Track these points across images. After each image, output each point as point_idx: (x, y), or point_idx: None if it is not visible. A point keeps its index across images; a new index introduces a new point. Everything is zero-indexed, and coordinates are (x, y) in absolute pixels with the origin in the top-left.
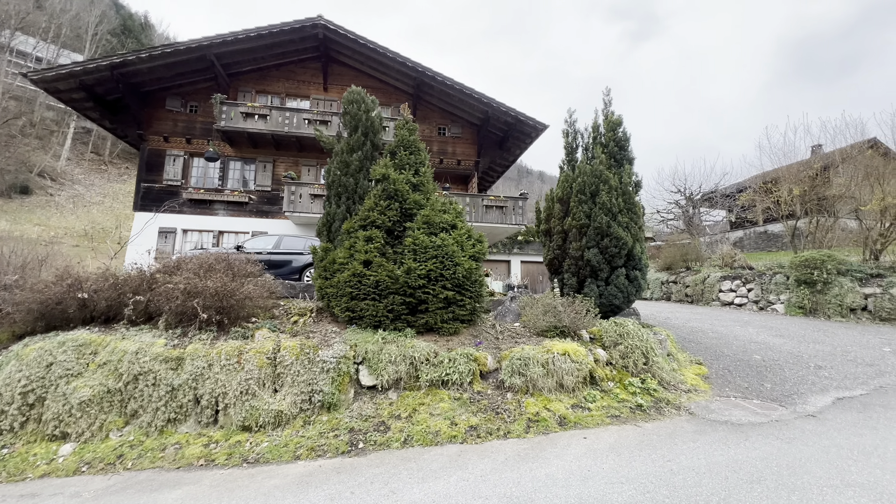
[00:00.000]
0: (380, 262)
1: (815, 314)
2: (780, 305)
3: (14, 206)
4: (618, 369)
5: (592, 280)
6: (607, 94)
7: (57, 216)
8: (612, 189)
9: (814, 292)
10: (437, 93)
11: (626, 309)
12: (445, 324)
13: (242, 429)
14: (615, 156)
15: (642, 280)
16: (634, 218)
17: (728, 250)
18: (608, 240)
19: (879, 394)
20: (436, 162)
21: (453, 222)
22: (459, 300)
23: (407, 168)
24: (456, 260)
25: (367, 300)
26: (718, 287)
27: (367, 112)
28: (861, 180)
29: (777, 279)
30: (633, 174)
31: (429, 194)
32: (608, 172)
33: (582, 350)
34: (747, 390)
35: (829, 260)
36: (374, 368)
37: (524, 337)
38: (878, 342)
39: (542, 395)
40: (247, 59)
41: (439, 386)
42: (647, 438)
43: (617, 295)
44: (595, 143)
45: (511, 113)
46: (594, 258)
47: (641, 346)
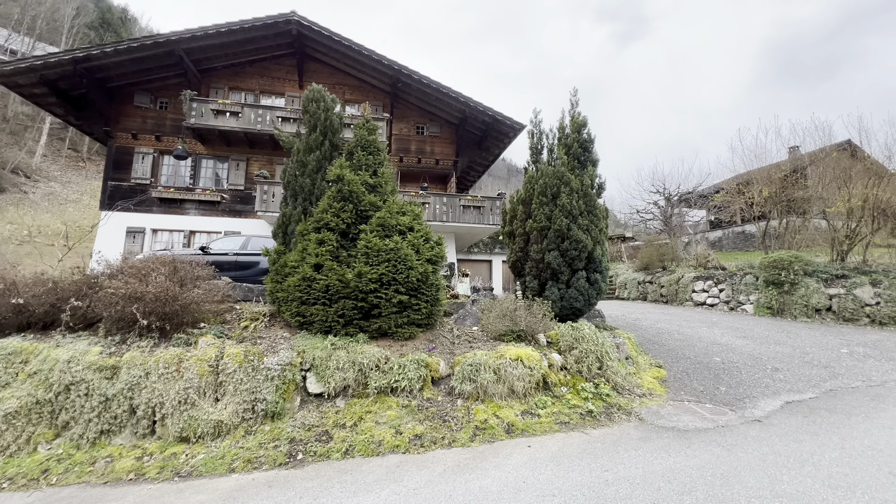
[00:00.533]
0: (331, 266)
1: (782, 315)
2: (750, 306)
3: None
4: (572, 374)
5: (553, 283)
6: (574, 94)
7: (31, 214)
8: (573, 191)
9: (781, 293)
10: (414, 91)
11: (589, 311)
12: (400, 328)
13: (180, 440)
14: (579, 157)
15: (603, 283)
16: (595, 220)
17: (702, 251)
18: (568, 242)
19: (828, 397)
20: (414, 161)
21: (411, 224)
22: (415, 304)
23: (364, 169)
24: (409, 263)
25: (317, 305)
26: (692, 287)
27: (326, 111)
28: (829, 182)
29: (747, 280)
30: (596, 176)
31: (386, 196)
32: (570, 174)
33: (535, 355)
34: (702, 394)
35: (796, 261)
36: (321, 375)
37: (481, 341)
38: (837, 343)
39: (493, 401)
40: (219, 55)
41: (388, 393)
42: (591, 446)
43: (578, 298)
44: (559, 144)
45: (489, 112)
46: (554, 261)
47: (596, 351)
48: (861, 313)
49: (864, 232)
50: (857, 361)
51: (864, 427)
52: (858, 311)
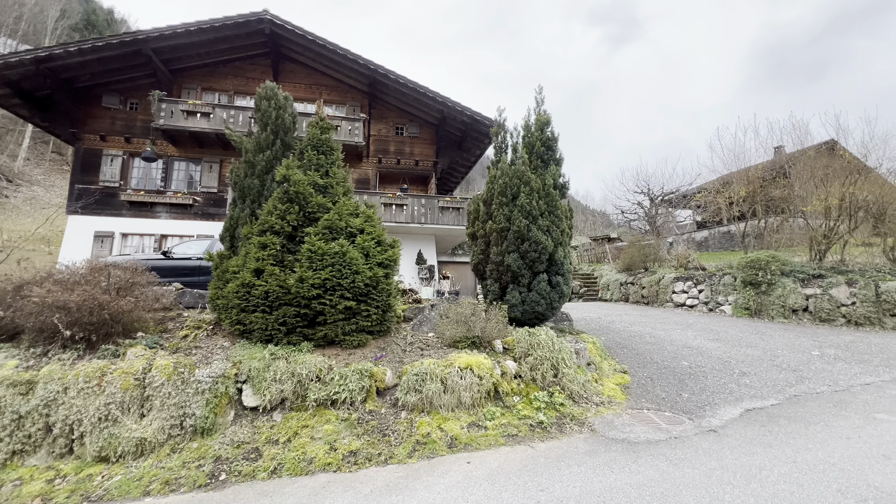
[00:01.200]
0: (272, 271)
1: (759, 315)
2: (728, 307)
3: None
4: (526, 382)
5: (514, 286)
6: (539, 91)
7: (12, 219)
8: (533, 191)
9: (759, 293)
10: (392, 91)
11: (553, 315)
12: (348, 336)
13: (99, 460)
14: (542, 156)
15: (565, 286)
16: (557, 221)
17: (683, 251)
18: (528, 244)
19: (790, 403)
20: (393, 162)
21: (362, 227)
22: (364, 311)
23: (315, 169)
24: (356, 268)
25: (256, 312)
26: (672, 289)
27: (277, 109)
28: (806, 181)
29: (725, 280)
30: (560, 175)
31: (337, 197)
32: (530, 173)
33: (487, 363)
34: (664, 401)
35: (773, 261)
36: (258, 388)
37: (435, 349)
38: (809, 345)
39: (440, 413)
40: (191, 55)
41: (328, 406)
42: (533, 462)
43: (539, 301)
44: (522, 143)
45: (467, 112)
46: (514, 263)
47: (551, 358)
48: (837, 314)
49: (841, 231)
50: (827, 364)
51: (821, 437)
52: (834, 312)
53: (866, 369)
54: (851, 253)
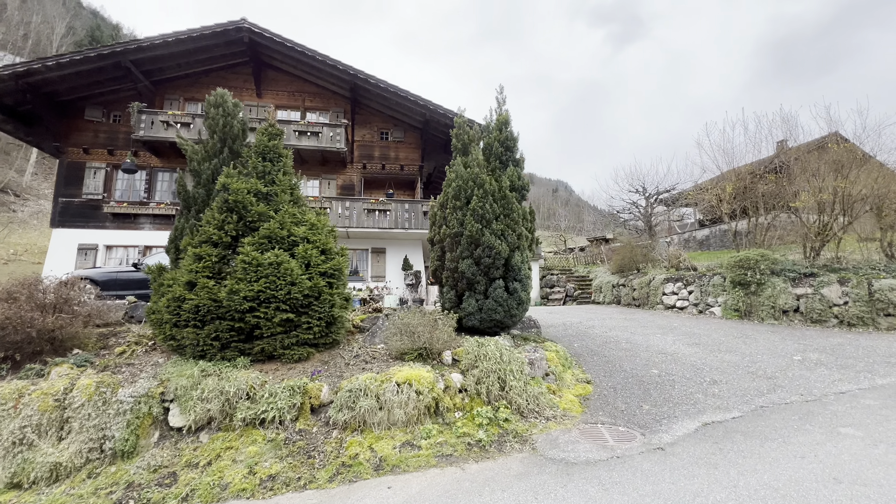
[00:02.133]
0: (204, 284)
1: (749, 317)
2: (718, 308)
3: None
4: (471, 397)
5: (470, 294)
6: (500, 91)
7: (19, 233)
8: (487, 193)
9: (748, 294)
10: (374, 97)
11: (514, 324)
12: (288, 350)
13: (12, 486)
14: (501, 157)
15: (523, 293)
16: (512, 225)
17: (674, 251)
18: (481, 249)
19: (754, 416)
20: (377, 168)
21: (306, 235)
22: (304, 323)
23: (259, 177)
24: (292, 279)
25: (188, 327)
26: (662, 290)
27: (225, 116)
28: (797, 175)
29: (715, 281)
30: (519, 176)
31: (281, 205)
32: (484, 175)
33: (429, 376)
34: (621, 414)
35: (762, 260)
36: (184, 407)
37: (381, 361)
38: (792, 349)
39: (373, 432)
40: (171, 66)
41: (257, 425)
42: (456, 486)
43: (496, 309)
44: (483, 143)
45: (450, 115)
46: (468, 269)
47: (498, 370)
48: (829, 314)
49: (835, 227)
50: (806, 371)
51: (774, 456)
52: (826, 312)
53: (846, 376)
54: (846, 250)
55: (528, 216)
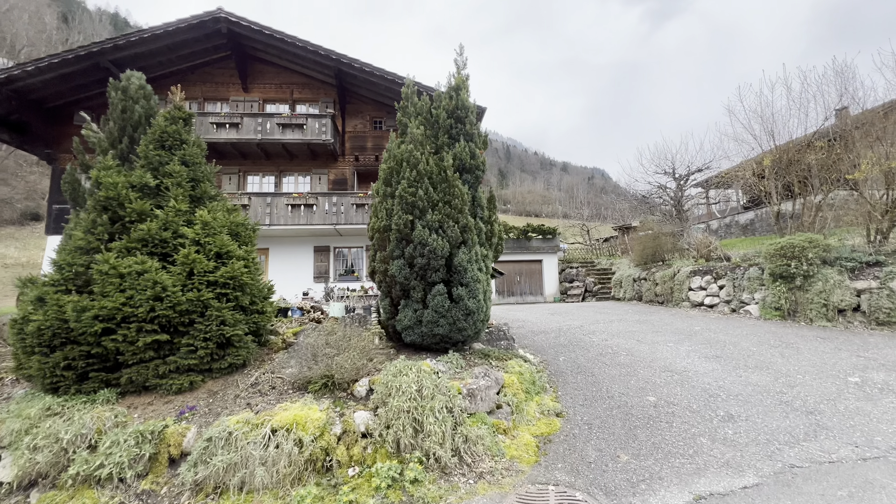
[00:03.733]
0: (55, 301)
1: (794, 317)
2: (755, 306)
3: (25, 233)
4: (376, 445)
5: (406, 302)
6: (460, 52)
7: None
8: (421, 176)
9: (792, 289)
10: (362, 83)
11: (463, 338)
12: (164, 379)
13: None
14: (450, 131)
15: (471, 300)
16: (454, 214)
17: (703, 238)
18: (412, 247)
19: (776, 485)
20: (371, 159)
21: (196, 236)
22: (187, 345)
23: (156, 168)
24: (154, 292)
25: (35, 354)
26: (688, 284)
27: (125, 101)
28: (859, 140)
29: (751, 273)
30: (474, 154)
31: (174, 199)
32: (418, 153)
33: (319, 419)
34: (589, 468)
35: (810, 246)
36: (17, 456)
37: (279, 393)
38: (848, 365)
39: (233, 497)
40: (154, 64)
41: (93, 483)
42: None
43: (438, 322)
44: (432, 113)
45: None
46: (399, 272)
47: (414, 408)
48: None
49: None
50: (866, 401)
51: None
52: None
53: None
54: None
55: (482, 204)
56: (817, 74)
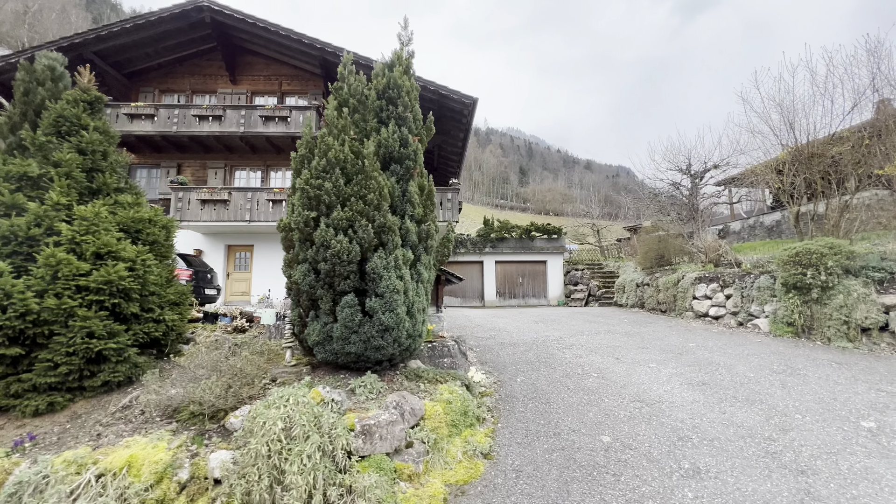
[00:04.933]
0: None
1: (809, 335)
2: (765, 320)
3: None
4: (227, 498)
5: (316, 313)
6: (404, 26)
7: None
8: (331, 165)
9: (807, 302)
10: None
11: (382, 357)
12: (20, 399)
13: None
14: (380, 113)
15: (387, 315)
16: (369, 212)
17: (712, 241)
18: (314, 250)
19: None
20: None
21: (73, 234)
22: (46, 360)
23: (47, 156)
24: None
25: None
26: (693, 292)
27: (28, 82)
28: (893, 129)
29: (761, 282)
30: (405, 142)
31: (54, 193)
32: (330, 138)
33: (160, 460)
34: None
35: (830, 253)
36: None
37: (143, 421)
38: (864, 403)
39: None
40: (141, 56)
41: None
42: None
43: (349, 339)
44: (359, 94)
45: (430, 87)
46: (303, 279)
47: (276, 452)
48: None
49: None
50: (878, 459)
51: None
52: None
53: None
54: None
55: (414, 199)
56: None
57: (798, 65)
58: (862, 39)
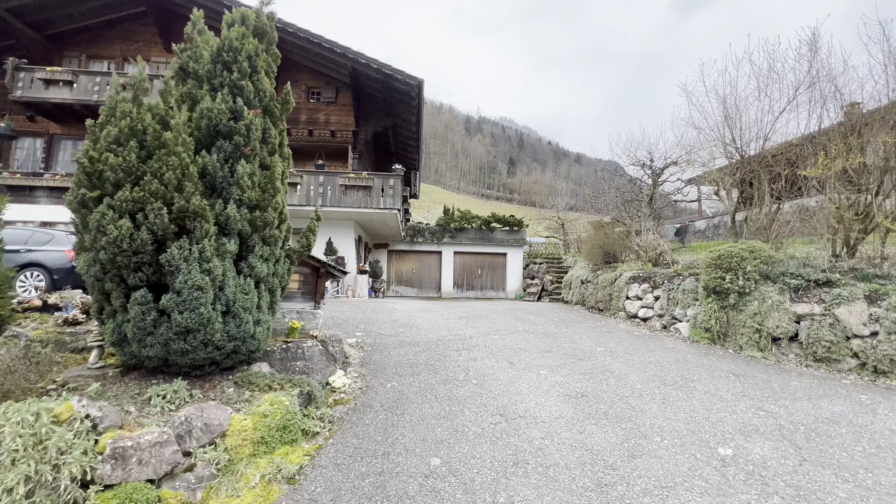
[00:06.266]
0: None
1: (724, 342)
2: (686, 324)
3: None
4: None
5: (110, 310)
6: None
7: None
8: (124, 135)
9: (725, 307)
10: (292, 46)
11: (194, 363)
12: None
13: None
14: (213, 79)
15: (185, 315)
16: (166, 193)
17: (651, 239)
18: (91, 235)
19: None
20: (304, 134)
21: None
22: None
23: None
24: None
25: None
26: (626, 292)
27: None
28: (827, 131)
29: (686, 285)
30: (236, 114)
31: None
32: (128, 105)
33: None
34: None
35: (750, 257)
36: None
37: None
38: (734, 426)
39: None
40: (62, 16)
41: None
42: None
43: (145, 341)
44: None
45: (373, 65)
46: (87, 270)
47: None
48: (844, 350)
49: (879, 209)
50: (708, 495)
51: None
52: (840, 347)
53: None
54: None
55: (242, 182)
56: (783, 49)
57: (742, 58)
58: (803, 32)
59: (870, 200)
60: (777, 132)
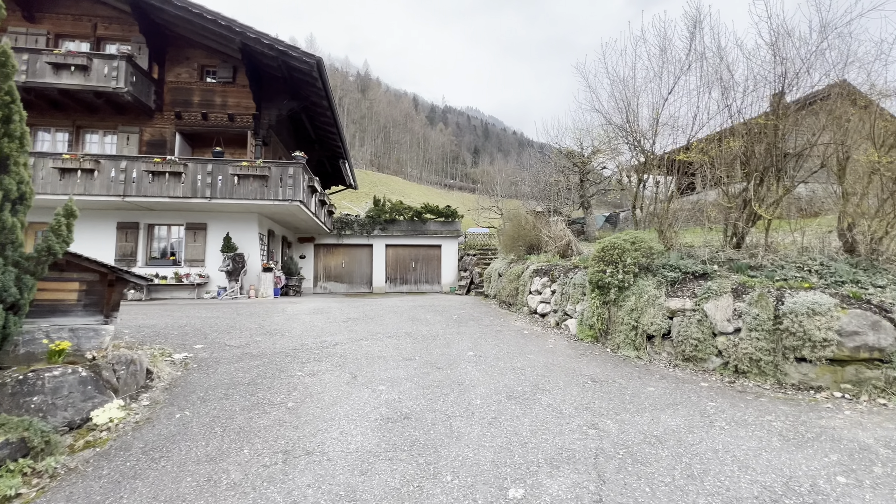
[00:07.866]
0: None
1: (605, 340)
2: (573, 321)
3: None
4: None
5: None
6: None
7: None
8: None
9: (607, 303)
10: (178, 19)
11: None
12: None
13: None
14: None
15: None
16: None
17: (558, 230)
18: None
19: None
20: (197, 118)
21: None
22: None
23: None
24: None
25: None
26: (529, 286)
27: None
28: None
29: (577, 279)
30: None
31: None
32: None
33: None
34: None
35: (631, 249)
36: None
37: None
38: (549, 453)
39: None
40: None
41: None
42: None
43: None
44: None
45: (265, 41)
46: None
47: None
48: (710, 349)
49: (756, 196)
50: None
51: None
52: (706, 345)
53: None
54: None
55: None
56: (667, 20)
57: (640, 37)
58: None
59: (750, 191)
60: (672, 120)
